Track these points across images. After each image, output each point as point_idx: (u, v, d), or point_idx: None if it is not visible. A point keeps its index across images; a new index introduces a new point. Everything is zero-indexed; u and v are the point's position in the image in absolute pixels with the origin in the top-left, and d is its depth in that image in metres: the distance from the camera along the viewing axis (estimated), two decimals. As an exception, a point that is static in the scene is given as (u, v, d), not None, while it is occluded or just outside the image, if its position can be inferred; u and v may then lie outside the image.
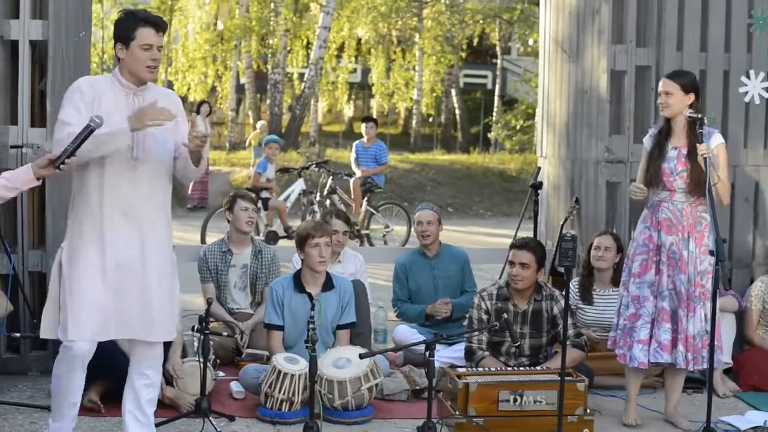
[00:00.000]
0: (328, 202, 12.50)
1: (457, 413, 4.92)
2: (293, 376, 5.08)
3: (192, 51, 25.66)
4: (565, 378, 4.69)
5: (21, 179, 3.87)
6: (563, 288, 4.91)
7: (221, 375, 5.77)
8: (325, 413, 5.05)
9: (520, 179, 19.63)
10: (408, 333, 6.32)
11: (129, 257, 4.09)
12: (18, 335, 5.58)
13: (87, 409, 4.88)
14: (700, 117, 5.00)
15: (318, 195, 12.66)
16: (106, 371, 4.79)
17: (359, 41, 27.51)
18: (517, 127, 24.83)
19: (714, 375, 5.34)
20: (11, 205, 5.62)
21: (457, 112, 29.86)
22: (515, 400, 4.94)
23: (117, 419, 4.61)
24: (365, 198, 12.54)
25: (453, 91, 29.49)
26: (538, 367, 5.38)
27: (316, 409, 4.82)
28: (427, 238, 6.54)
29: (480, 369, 5.28)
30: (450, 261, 6.62)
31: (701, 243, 5.04)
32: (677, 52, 6.39)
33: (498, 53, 29.12)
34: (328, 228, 5.83)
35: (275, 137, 13.32)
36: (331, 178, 12.71)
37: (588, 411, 5.02)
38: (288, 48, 24.57)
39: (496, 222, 16.92)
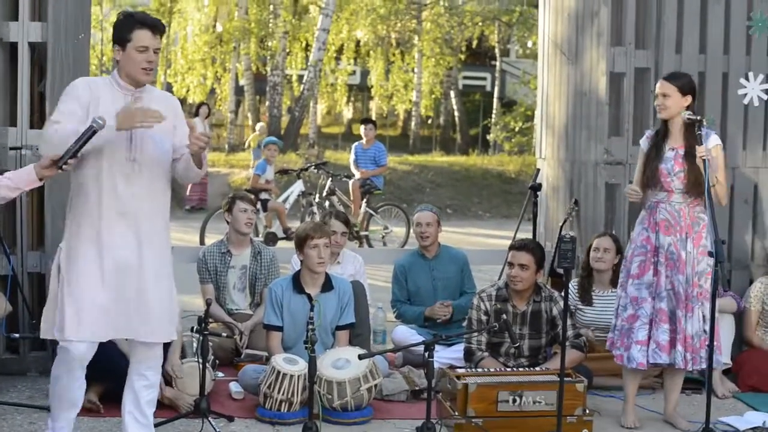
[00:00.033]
0: (327, 203, 12.50)
1: (457, 414, 4.92)
2: (292, 376, 5.08)
3: (191, 53, 25.69)
4: (565, 379, 4.69)
5: (24, 179, 3.87)
6: (562, 289, 4.91)
7: (220, 375, 5.77)
8: (325, 414, 5.05)
9: (519, 181, 19.64)
10: (407, 334, 6.32)
11: (127, 258, 4.08)
12: (17, 336, 5.58)
13: (86, 410, 4.87)
14: (699, 119, 5.00)
15: (317, 196, 12.66)
16: (105, 372, 4.78)
17: (358, 43, 27.52)
18: (516, 129, 24.85)
19: (713, 376, 5.35)
20: (10, 206, 5.62)
21: (456, 114, 29.88)
22: (514, 400, 4.94)
23: (116, 419, 4.61)
24: (364, 199, 12.54)
25: (452, 93, 29.50)
26: (537, 368, 5.39)
27: (315, 410, 4.82)
28: (426, 239, 6.54)
29: (479, 370, 5.28)
30: (449, 262, 6.61)
31: (699, 243, 5.05)
32: (676, 54, 6.40)
33: (497, 55, 29.15)
34: (327, 229, 5.83)
35: (274, 139, 13.34)
36: (330, 179, 12.71)
37: (587, 411, 5.03)
38: (287, 50, 24.58)
39: (495, 223, 16.92)
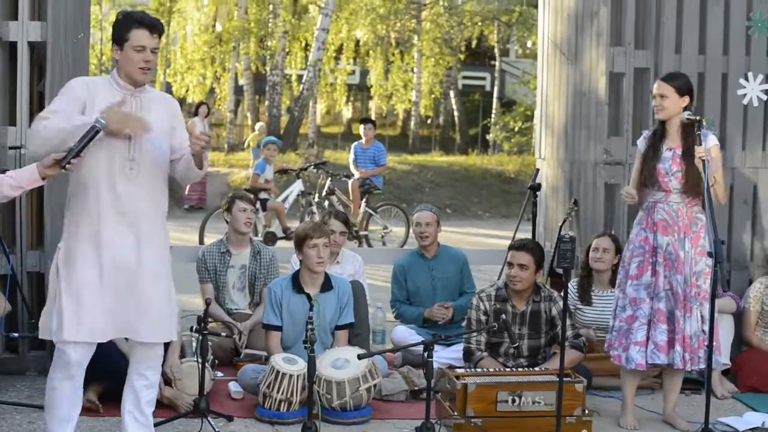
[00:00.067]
0: (326, 203, 12.51)
1: (456, 414, 4.92)
2: (292, 376, 5.08)
3: (190, 52, 25.69)
4: (564, 379, 4.69)
5: (26, 178, 3.86)
6: (562, 289, 4.91)
7: (220, 375, 5.77)
8: (324, 413, 5.05)
9: (518, 181, 19.65)
10: (406, 334, 6.32)
11: (126, 257, 4.07)
12: (16, 335, 5.58)
13: (85, 409, 4.85)
14: (698, 119, 5.01)
15: (316, 196, 12.66)
16: (104, 371, 4.78)
17: (358, 43, 27.53)
18: (516, 129, 24.87)
19: (712, 376, 5.35)
20: (10, 206, 5.62)
21: (456, 113, 29.89)
22: (514, 400, 4.94)
23: (116, 419, 4.61)
24: (364, 199, 12.54)
25: (451, 93, 29.51)
26: (536, 368, 5.39)
27: (314, 410, 4.82)
28: (426, 239, 6.54)
29: (478, 370, 5.28)
30: (448, 262, 6.61)
31: (697, 243, 5.05)
32: (676, 54, 6.40)
33: (496, 55, 29.16)
34: (326, 229, 5.83)
35: (274, 138, 13.34)
36: (330, 179, 12.72)
37: (586, 412, 5.03)
38: (286, 50, 24.59)
39: (494, 223, 16.93)
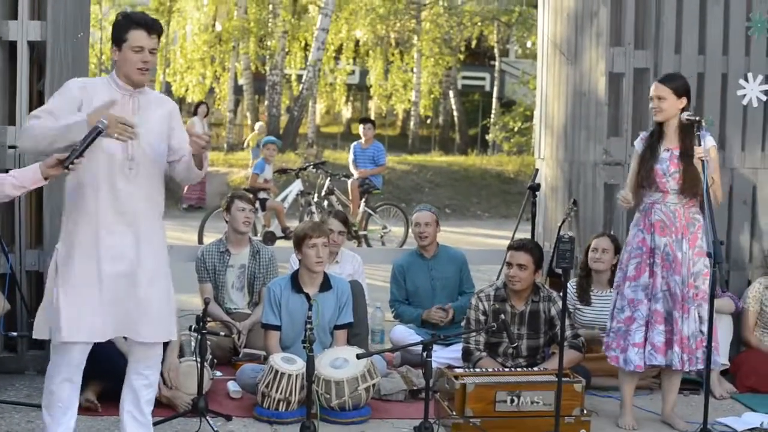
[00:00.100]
0: (325, 203, 12.51)
1: (454, 414, 4.92)
2: (290, 376, 5.08)
3: (190, 52, 25.69)
4: (563, 379, 4.69)
5: (29, 178, 3.84)
6: (561, 289, 4.91)
7: (218, 375, 5.77)
8: (323, 413, 5.05)
9: (517, 181, 19.65)
10: (405, 333, 6.32)
11: (125, 257, 4.07)
12: (15, 334, 5.58)
13: (84, 409, 4.87)
14: (697, 119, 5.01)
15: (316, 196, 12.67)
16: (103, 371, 4.78)
17: (357, 43, 27.53)
18: (515, 129, 24.87)
19: (711, 376, 5.35)
20: (9, 205, 5.61)
21: (455, 113, 29.89)
22: (512, 400, 4.94)
23: (114, 418, 4.61)
24: (363, 199, 12.54)
25: (451, 93, 29.52)
26: (535, 368, 5.39)
27: (313, 409, 4.83)
28: (425, 239, 6.54)
29: (477, 370, 5.28)
30: (448, 262, 6.62)
31: (695, 244, 5.05)
32: (675, 54, 6.40)
33: (496, 55, 29.17)
34: (325, 228, 5.83)
35: (273, 138, 13.34)
36: (329, 179, 12.72)
37: (585, 412, 5.03)
38: (286, 49, 24.59)
39: (493, 223, 16.93)
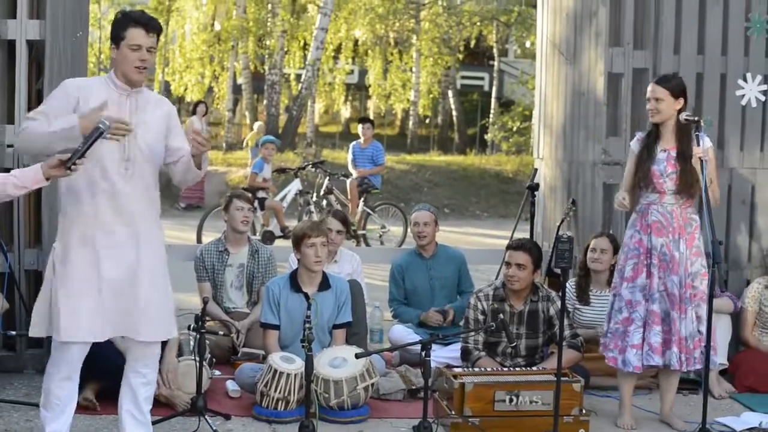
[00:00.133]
0: (324, 202, 12.51)
1: (453, 413, 4.92)
2: (289, 375, 5.08)
3: (189, 51, 25.69)
4: (561, 378, 4.70)
5: (30, 179, 3.82)
6: (560, 289, 4.91)
7: (217, 374, 5.77)
8: (321, 412, 5.05)
9: (516, 181, 19.65)
10: (404, 333, 6.32)
11: (124, 257, 4.07)
12: (14, 333, 5.57)
13: (83, 408, 4.87)
14: (696, 120, 5.01)
15: (314, 195, 12.66)
16: (101, 370, 4.78)
17: (356, 42, 27.54)
18: (514, 129, 24.89)
19: (710, 376, 5.36)
20: (7, 204, 5.61)
21: (454, 113, 29.90)
22: (511, 400, 4.94)
23: (113, 417, 4.61)
24: (362, 198, 12.53)
25: (450, 93, 29.52)
26: (534, 368, 5.39)
27: (312, 409, 4.83)
28: (424, 239, 6.54)
29: (476, 369, 5.28)
30: (446, 262, 6.62)
31: (692, 244, 5.06)
32: (674, 55, 6.40)
33: (495, 55, 29.18)
34: (324, 228, 5.83)
35: (272, 138, 13.33)
36: (328, 178, 12.71)
37: (584, 411, 5.03)
38: (285, 49, 24.59)
39: (492, 223, 16.93)
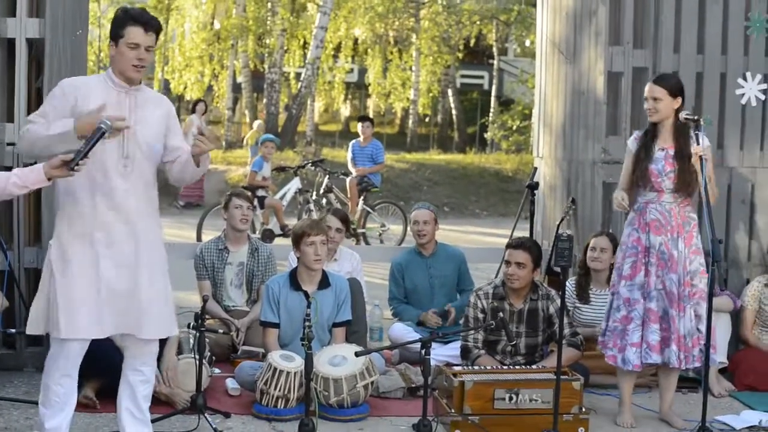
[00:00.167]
0: (324, 200, 12.51)
1: (453, 411, 4.92)
2: (289, 373, 5.09)
3: (189, 50, 25.68)
4: (561, 377, 4.71)
5: (32, 179, 3.81)
6: (559, 287, 4.92)
7: (217, 372, 5.77)
8: (321, 410, 5.05)
9: (516, 179, 19.65)
10: (404, 331, 6.31)
11: (123, 255, 4.07)
12: (14, 331, 5.59)
13: (83, 406, 4.88)
14: (696, 118, 5.01)
15: (314, 194, 12.66)
16: (101, 367, 4.78)
17: (356, 41, 27.54)
18: (514, 128, 24.91)
19: (709, 374, 5.36)
20: (7, 202, 5.60)
21: (454, 112, 29.91)
22: (511, 398, 4.94)
23: (112, 415, 4.61)
24: (361, 197, 12.54)
25: (450, 92, 29.53)
26: (533, 366, 5.39)
27: (311, 407, 4.83)
28: (423, 237, 6.54)
29: (476, 367, 5.29)
30: (446, 260, 6.62)
31: (690, 243, 5.07)
32: (674, 54, 6.40)
33: (495, 54, 29.18)
34: (323, 226, 5.84)
35: (271, 136, 13.32)
36: (328, 177, 12.71)
37: (583, 410, 5.03)
38: (285, 47, 24.60)
39: (492, 222, 16.93)
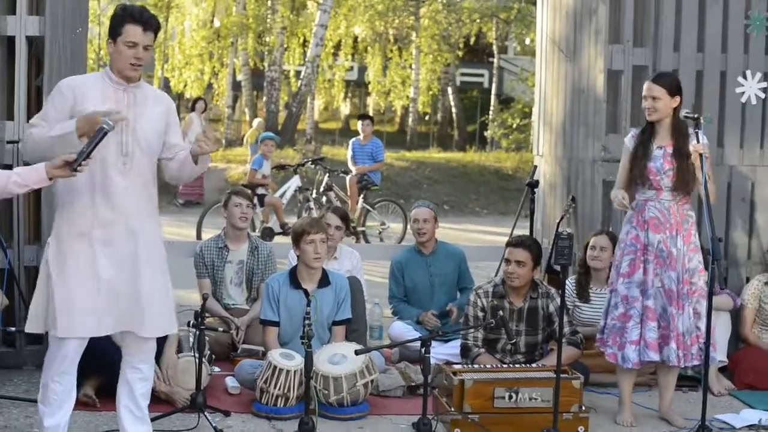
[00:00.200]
0: (324, 199, 12.50)
1: (453, 410, 4.92)
2: (289, 371, 5.09)
3: (189, 48, 25.67)
4: (561, 375, 4.71)
5: (33, 178, 3.80)
6: (559, 286, 4.92)
7: (217, 370, 5.77)
8: (321, 409, 5.05)
9: (516, 178, 19.65)
10: (404, 330, 6.31)
11: (122, 253, 4.07)
12: (13, 329, 5.59)
13: (82, 404, 4.88)
14: (696, 117, 5.01)
15: (314, 192, 12.66)
16: (101, 366, 4.78)
17: (356, 39, 27.52)
18: (514, 126, 24.90)
19: (709, 373, 5.36)
20: (7, 200, 5.60)
21: (454, 110, 29.90)
22: (511, 397, 4.94)
23: (112, 413, 4.60)
24: (361, 195, 12.54)
25: (449, 90, 29.52)
26: (533, 365, 5.39)
27: (311, 405, 4.83)
28: (423, 235, 6.54)
29: (475, 366, 5.29)
30: (446, 259, 6.62)
31: (689, 241, 5.07)
32: (674, 52, 6.40)
33: (495, 52, 29.16)
34: (323, 224, 5.84)
35: (271, 134, 13.33)
36: (327, 175, 12.71)
37: (583, 408, 5.02)
38: (285, 45, 24.58)
39: (492, 220, 16.93)
